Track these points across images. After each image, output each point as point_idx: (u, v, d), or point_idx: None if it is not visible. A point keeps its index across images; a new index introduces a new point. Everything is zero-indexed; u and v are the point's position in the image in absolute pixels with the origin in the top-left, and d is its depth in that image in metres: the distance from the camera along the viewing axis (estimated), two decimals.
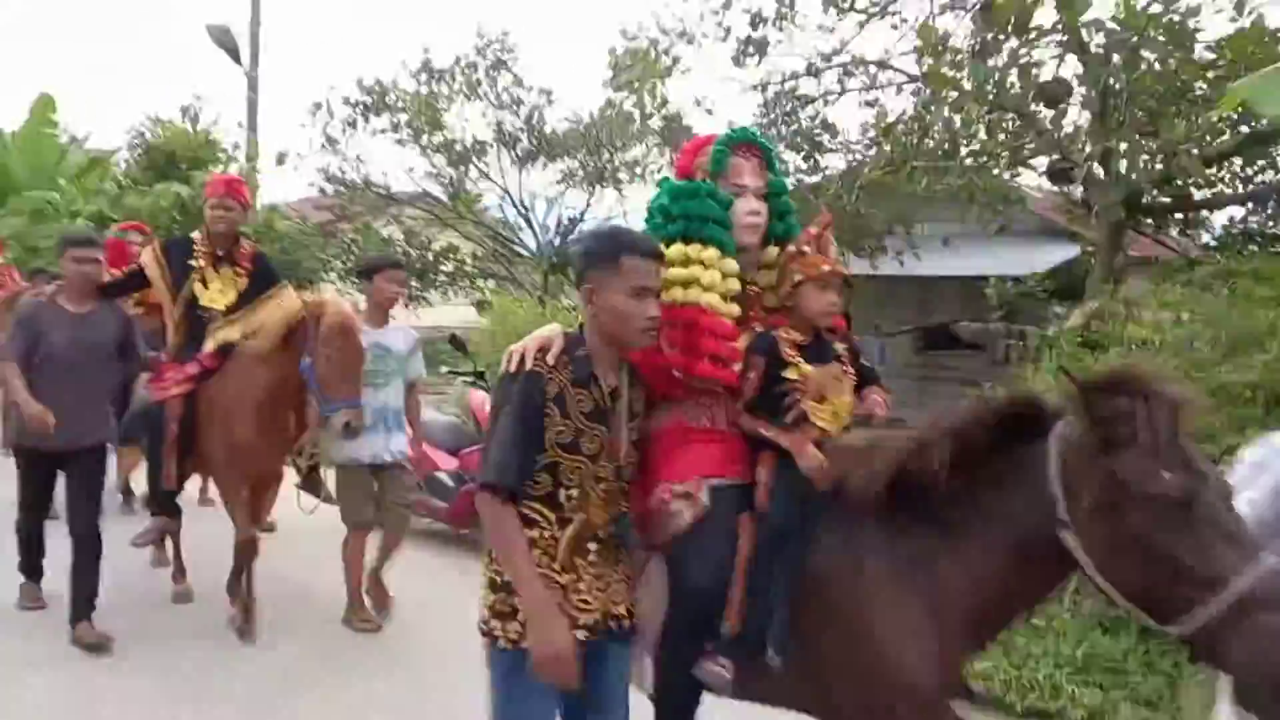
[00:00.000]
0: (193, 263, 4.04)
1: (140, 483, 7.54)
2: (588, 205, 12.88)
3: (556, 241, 13.29)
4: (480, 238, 13.65)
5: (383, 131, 12.01)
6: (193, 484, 5.32)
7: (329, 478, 4.33)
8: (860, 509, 1.89)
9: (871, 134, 7.21)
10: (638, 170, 12.86)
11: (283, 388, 3.88)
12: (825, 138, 7.73)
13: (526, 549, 1.83)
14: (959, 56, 4.86)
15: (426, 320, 10.42)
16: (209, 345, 3.94)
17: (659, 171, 11.86)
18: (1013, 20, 4.15)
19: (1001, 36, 4.34)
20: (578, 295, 2.00)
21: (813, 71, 6.58)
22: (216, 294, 4.03)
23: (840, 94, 6.95)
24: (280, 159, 12.48)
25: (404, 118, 11.87)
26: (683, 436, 2.12)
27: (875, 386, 2.23)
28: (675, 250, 2.08)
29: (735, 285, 2.09)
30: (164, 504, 4.14)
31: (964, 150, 5.88)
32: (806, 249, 2.13)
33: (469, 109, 12.02)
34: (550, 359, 1.86)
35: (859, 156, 7.31)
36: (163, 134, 13.78)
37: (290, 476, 4.37)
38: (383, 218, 13.27)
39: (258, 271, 4.15)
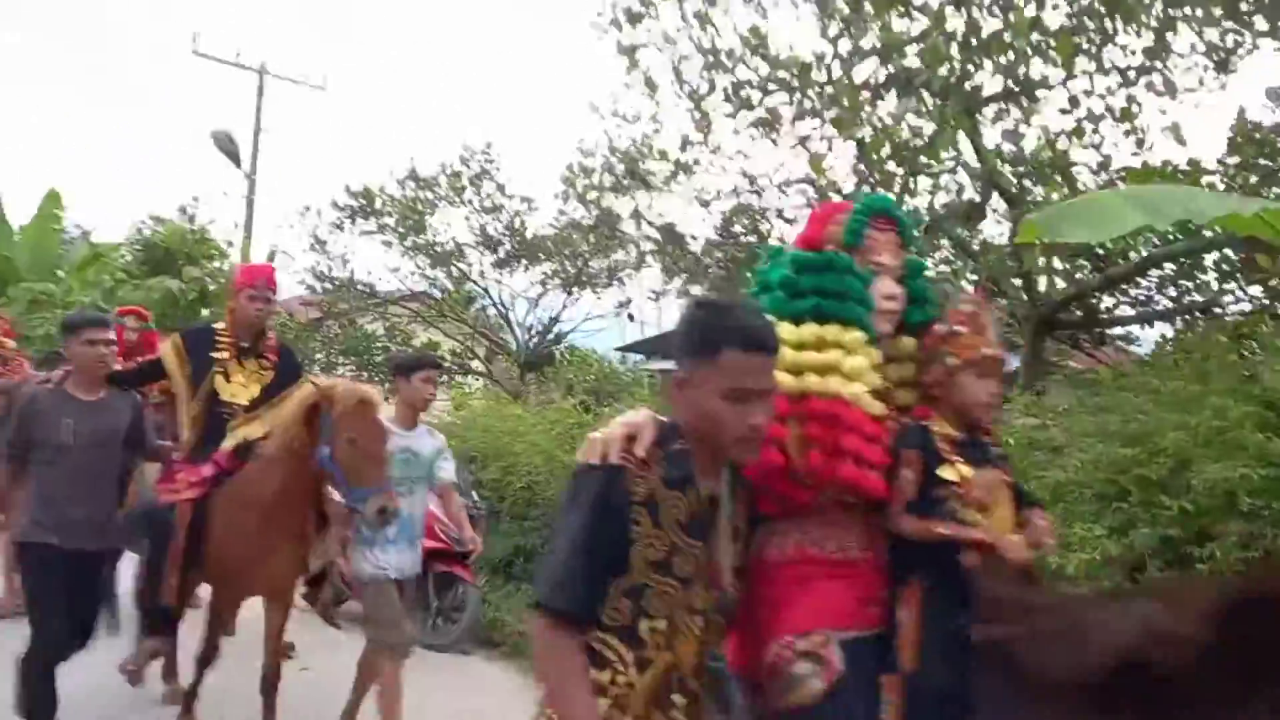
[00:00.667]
0: (215, 354, 3.73)
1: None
2: (564, 307, 13.33)
3: (534, 342, 13.70)
4: (461, 335, 14.06)
5: (369, 233, 12.57)
6: None
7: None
8: (1053, 697, 1.51)
9: None
10: (618, 275, 13.36)
11: (299, 487, 3.49)
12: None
13: (590, 696, 1.41)
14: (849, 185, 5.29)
15: None
16: (228, 444, 3.63)
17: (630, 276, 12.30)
18: (885, 155, 4.56)
19: (889, 168, 4.76)
20: (667, 380, 1.61)
21: (754, 190, 7.03)
22: (239, 388, 3.73)
23: (781, 213, 7.37)
24: (271, 256, 13.00)
25: (390, 221, 12.44)
26: (804, 569, 1.75)
27: (1037, 509, 1.91)
28: (809, 331, 1.78)
29: (877, 377, 1.79)
30: (159, 621, 3.74)
31: None
32: (960, 329, 1.85)
33: (452, 214, 12.61)
34: (640, 451, 1.47)
35: None
36: (162, 231, 14.41)
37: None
38: (368, 314, 13.71)
39: (283, 365, 3.88)
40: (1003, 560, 1.74)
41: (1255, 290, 6.03)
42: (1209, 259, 5.98)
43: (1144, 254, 5.81)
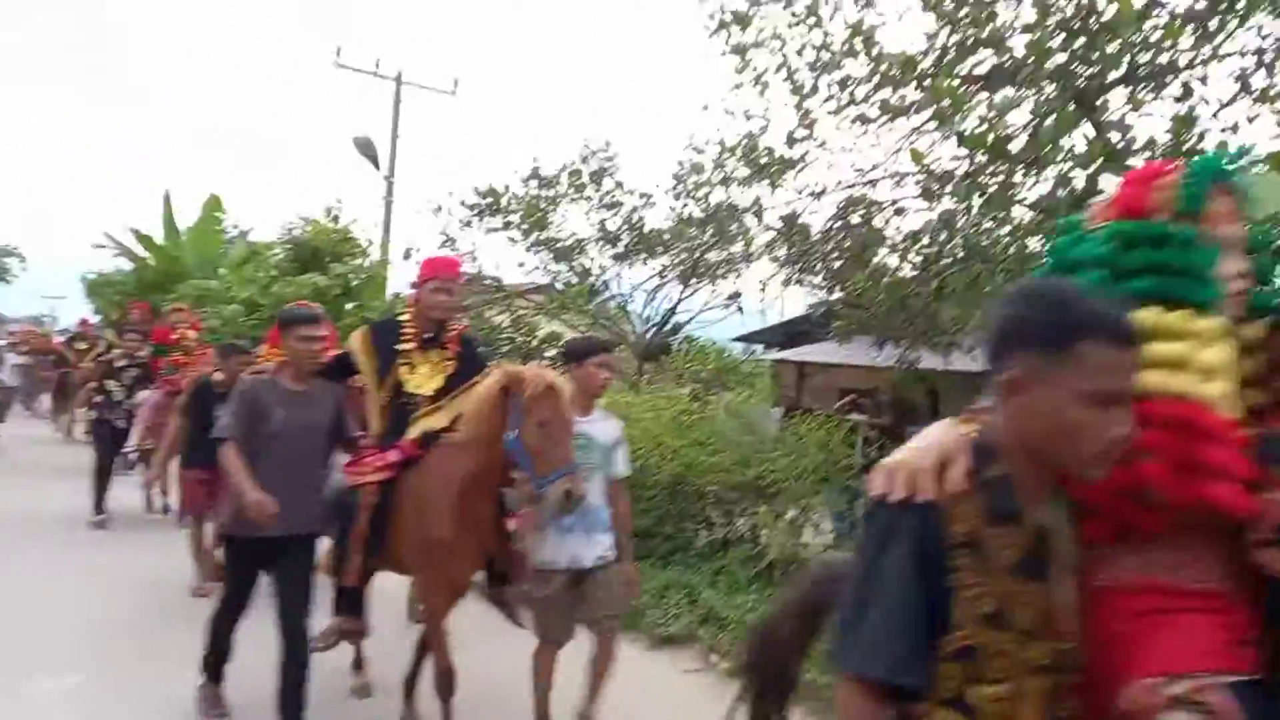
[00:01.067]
0: (400, 346, 3.80)
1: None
2: (680, 298, 13.62)
3: (652, 332, 14.06)
4: (583, 326, 14.58)
5: (495, 230, 13.21)
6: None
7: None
8: None
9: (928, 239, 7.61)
10: (734, 267, 13.56)
11: (487, 473, 3.51)
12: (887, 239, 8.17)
13: None
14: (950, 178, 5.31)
15: None
16: (411, 433, 3.70)
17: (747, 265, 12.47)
18: (988, 147, 4.59)
19: (983, 160, 4.78)
20: (994, 381, 1.31)
21: (867, 182, 7.11)
22: (423, 379, 3.78)
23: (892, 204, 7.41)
24: (407, 254, 13.84)
25: (515, 218, 13.04)
26: (1157, 601, 1.43)
27: None
28: (1152, 318, 1.44)
29: (1233, 374, 1.47)
30: (347, 601, 3.86)
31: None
32: None
33: (573, 210, 13.10)
34: (956, 481, 1.27)
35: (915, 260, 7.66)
36: (310, 231, 15.53)
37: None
38: (495, 307, 14.40)
39: (466, 355, 3.92)
40: None
41: None
42: None
43: None
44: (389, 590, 4.66)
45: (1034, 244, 6.84)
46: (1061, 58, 4.64)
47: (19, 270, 28.74)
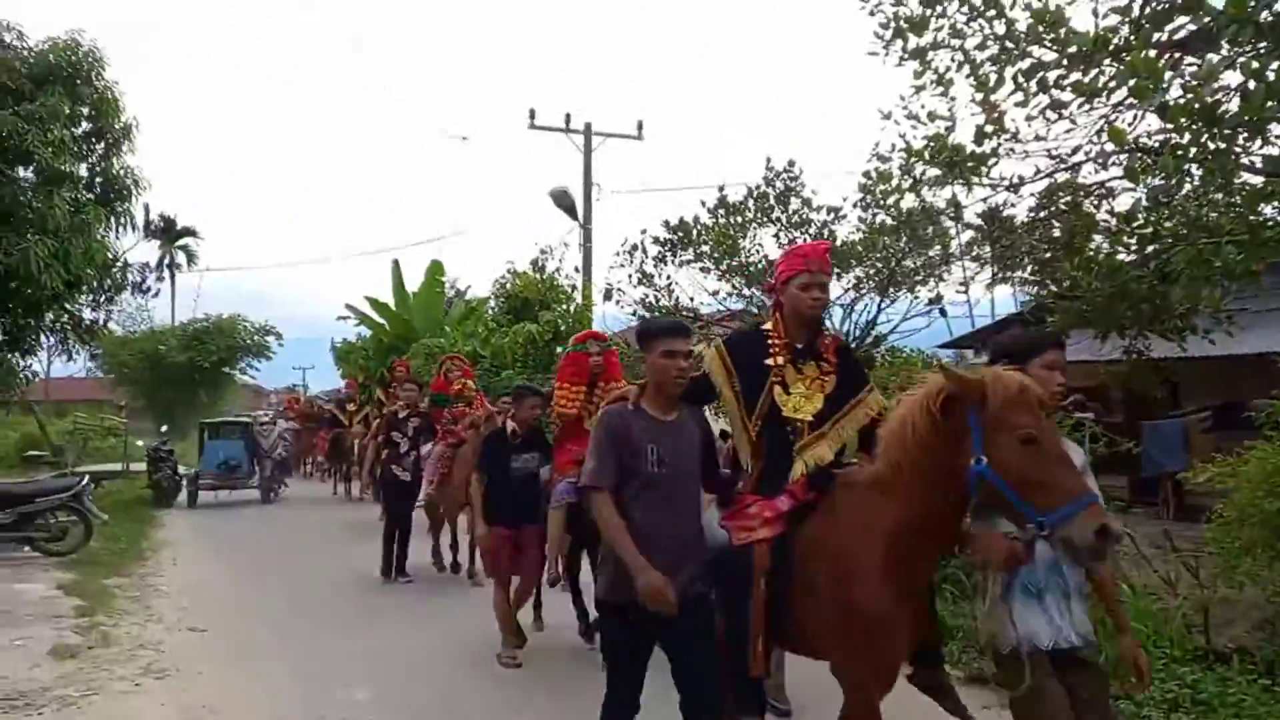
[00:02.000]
0: (769, 361, 3.12)
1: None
2: (879, 309, 13.38)
3: (853, 346, 13.90)
4: None
5: (688, 262, 13.62)
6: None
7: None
8: None
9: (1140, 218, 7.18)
10: (934, 272, 13.19)
11: (929, 523, 2.68)
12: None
13: None
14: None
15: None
16: (796, 469, 3.03)
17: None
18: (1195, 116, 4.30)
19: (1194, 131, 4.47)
20: None
21: (1066, 168, 6.82)
22: (800, 400, 3.09)
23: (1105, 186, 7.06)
24: (608, 294, 14.55)
25: (706, 248, 13.40)
26: None
27: None
28: None
29: None
30: (747, 696, 3.05)
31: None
32: None
33: (762, 233, 13.27)
34: None
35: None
36: (518, 283, 16.70)
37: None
38: (694, 336, 14.82)
39: (845, 368, 3.21)
40: None
41: None
42: None
43: None
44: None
45: (1269, 210, 6.28)
46: (1266, 14, 4.32)
47: (277, 347, 32.58)
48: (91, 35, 14.62)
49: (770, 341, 3.18)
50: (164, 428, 21.12)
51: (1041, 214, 8.38)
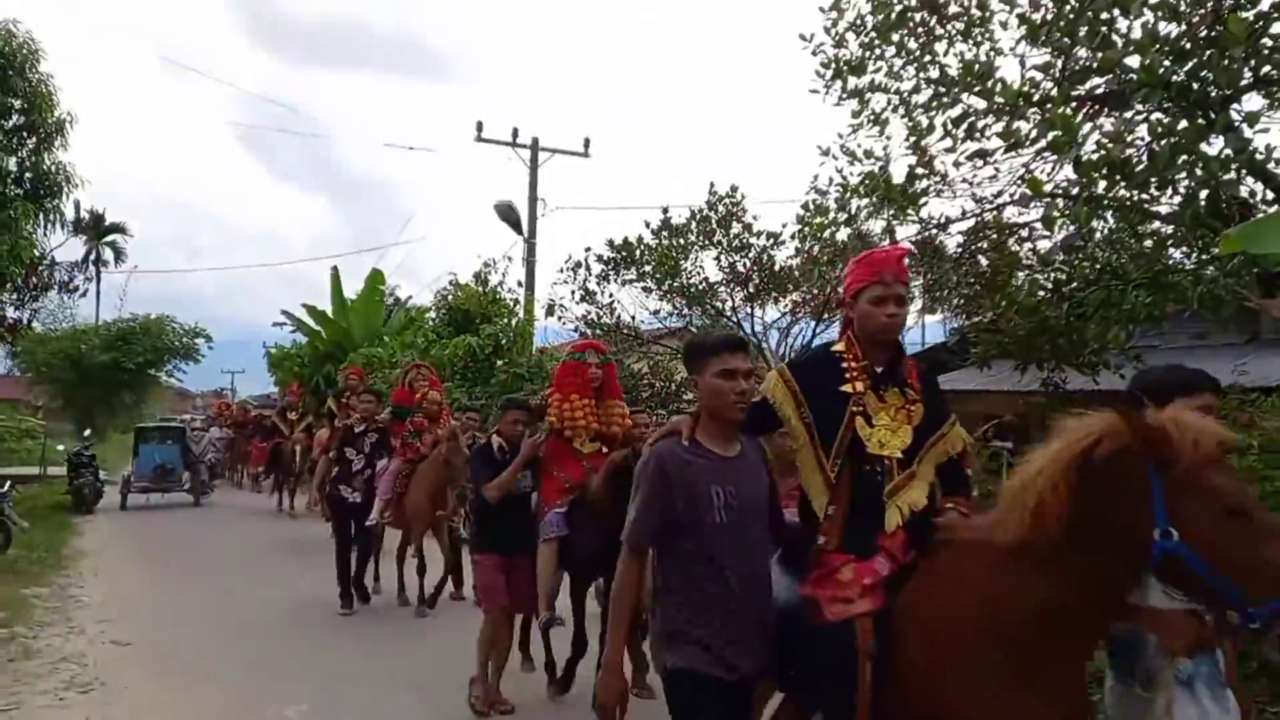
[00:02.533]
0: (846, 388, 2.63)
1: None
2: (814, 334, 13.78)
3: None
4: None
5: (630, 281, 13.84)
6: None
7: None
8: None
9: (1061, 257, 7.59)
10: None
11: (1079, 603, 2.11)
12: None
13: None
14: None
15: None
16: (891, 519, 2.51)
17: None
18: (1106, 171, 4.65)
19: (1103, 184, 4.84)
20: None
21: (992, 208, 7.20)
22: (886, 433, 2.59)
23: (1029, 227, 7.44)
24: (550, 309, 14.66)
25: (648, 268, 13.64)
26: None
27: None
28: None
29: None
30: None
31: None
32: None
33: (703, 255, 13.58)
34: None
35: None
36: (460, 295, 16.68)
37: None
38: (633, 354, 14.99)
39: (929, 393, 2.73)
40: None
41: None
42: None
43: None
44: None
45: (1178, 254, 6.72)
46: (1177, 76, 4.71)
47: (206, 350, 31.74)
48: (26, 26, 14.19)
49: (844, 365, 2.67)
50: (87, 432, 20.47)
51: (967, 251, 8.80)
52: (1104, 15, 5.29)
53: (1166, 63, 4.60)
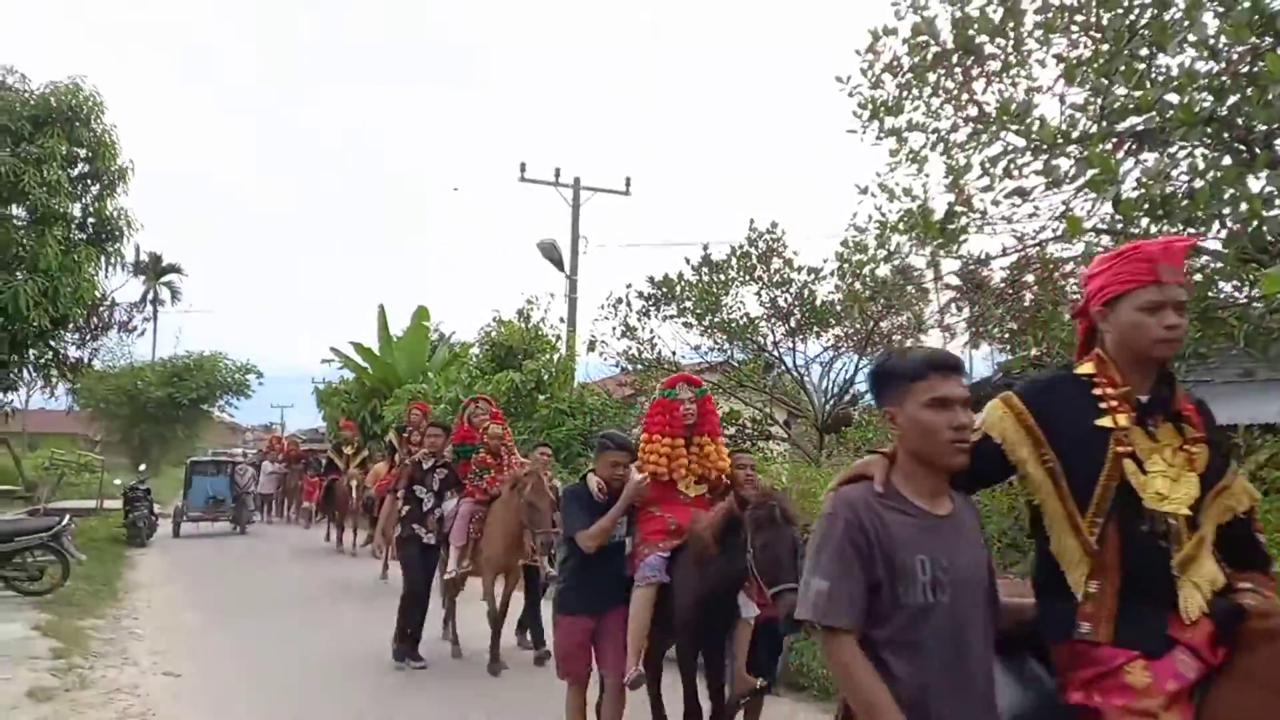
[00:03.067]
0: (1103, 421, 2.03)
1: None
2: (857, 369, 13.70)
3: (831, 404, 14.19)
4: (760, 402, 14.91)
5: (671, 317, 13.94)
6: None
7: None
8: None
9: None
10: (911, 333, 13.57)
11: None
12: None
13: None
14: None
15: None
16: (1190, 603, 1.93)
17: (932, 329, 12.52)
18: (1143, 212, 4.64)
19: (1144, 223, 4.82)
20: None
21: (1035, 244, 7.17)
22: (1165, 481, 1.98)
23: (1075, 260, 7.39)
24: (591, 345, 14.79)
25: (689, 304, 13.72)
26: None
27: None
28: None
29: None
30: None
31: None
32: None
33: (744, 291, 13.63)
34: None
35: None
36: (504, 331, 16.92)
37: None
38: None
39: (1212, 432, 2.13)
40: None
41: None
42: None
43: None
44: None
45: (1228, 288, 6.63)
46: (1219, 112, 4.70)
47: (257, 386, 32.55)
48: (92, 81, 14.94)
49: (1097, 391, 2.06)
50: (142, 466, 21.09)
51: (1011, 286, 8.75)
52: (1142, 53, 5.31)
53: (1206, 101, 4.59)
